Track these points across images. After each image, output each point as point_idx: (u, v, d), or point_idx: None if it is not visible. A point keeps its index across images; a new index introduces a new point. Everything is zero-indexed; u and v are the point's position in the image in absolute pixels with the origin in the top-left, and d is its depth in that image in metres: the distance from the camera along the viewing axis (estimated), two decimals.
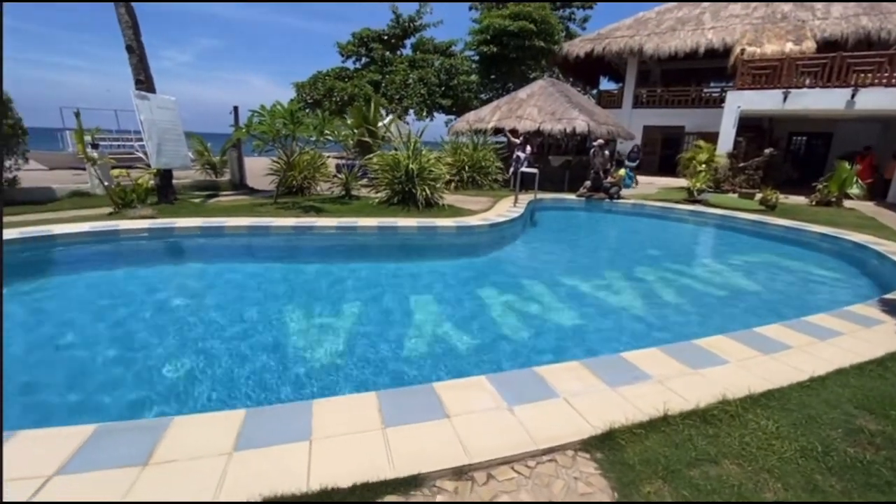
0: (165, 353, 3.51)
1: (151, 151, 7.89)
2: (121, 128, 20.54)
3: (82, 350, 3.57)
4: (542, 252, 7.86)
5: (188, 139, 11.01)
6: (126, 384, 3.07)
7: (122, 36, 7.48)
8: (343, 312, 4.46)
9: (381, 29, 24.37)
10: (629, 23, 21.17)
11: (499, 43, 20.53)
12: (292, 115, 8.07)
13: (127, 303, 4.61)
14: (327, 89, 21.31)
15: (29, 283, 5.04)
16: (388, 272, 6.13)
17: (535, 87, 15.11)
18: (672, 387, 2.66)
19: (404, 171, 8.85)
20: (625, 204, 11.23)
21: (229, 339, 3.79)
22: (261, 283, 5.41)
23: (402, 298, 5.00)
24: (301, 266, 6.22)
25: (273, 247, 7.03)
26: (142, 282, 5.42)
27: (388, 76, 22.81)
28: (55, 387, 3.04)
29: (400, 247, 7.39)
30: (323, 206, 8.89)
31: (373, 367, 3.43)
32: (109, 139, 20.03)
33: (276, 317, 4.30)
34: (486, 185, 12.89)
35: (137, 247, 6.51)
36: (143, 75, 7.76)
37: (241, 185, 12.18)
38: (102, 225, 6.56)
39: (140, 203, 7.86)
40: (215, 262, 6.27)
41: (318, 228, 7.26)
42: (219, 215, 7.63)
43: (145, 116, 7.68)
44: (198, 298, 4.92)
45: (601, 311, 4.82)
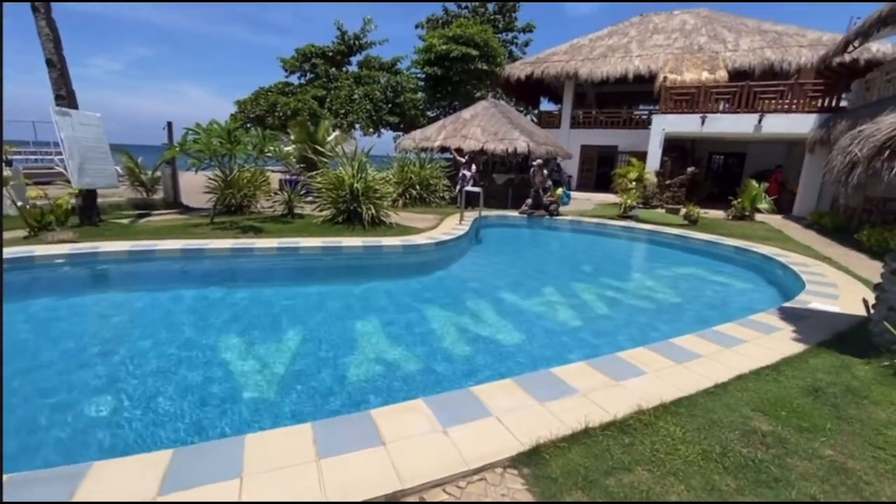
0: (86, 390, 3.28)
1: (73, 170, 7.34)
2: (38, 139, 18.92)
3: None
4: (486, 269, 8.10)
5: (116, 154, 10.35)
6: (39, 425, 2.85)
7: (42, 49, 6.96)
8: (283, 339, 4.37)
9: (326, 45, 24.26)
10: (565, 48, 22.51)
11: (442, 65, 21.07)
12: (229, 134, 7.84)
13: (43, 337, 4.26)
14: (270, 104, 20.83)
15: None
16: (333, 294, 6.07)
17: (479, 108, 15.64)
18: (595, 399, 2.87)
19: (349, 190, 8.83)
20: (563, 220, 11.82)
21: (156, 372, 3.61)
22: (194, 311, 5.17)
23: (345, 321, 4.98)
24: (239, 291, 6.01)
25: (209, 271, 6.73)
26: (61, 313, 5.02)
27: (332, 91, 22.67)
28: None
29: (345, 267, 7.34)
30: (263, 226, 8.65)
31: (313, 395, 3.40)
32: (26, 152, 18.38)
33: (209, 347, 4.14)
34: (433, 202, 13.09)
35: (56, 274, 6.02)
36: (65, 90, 7.24)
37: (175, 202, 11.58)
38: (15, 251, 6.00)
39: (59, 225, 7.28)
40: (145, 290, 5.93)
41: (258, 250, 7.05)
42: (149, 238, 7.22)
43: (66, 134, 7.15)
44: (123, 330, 4.63)
45: (539, 326, 5.06)
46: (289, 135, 14.36)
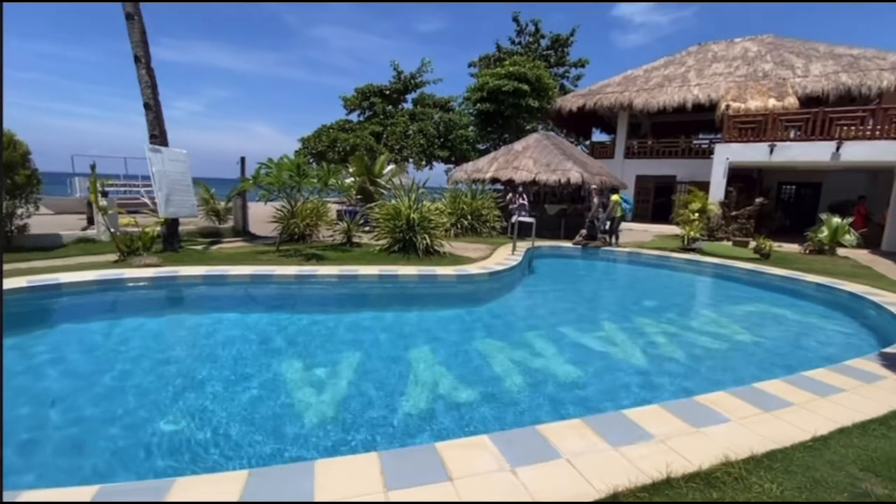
0: (165, 405, 3.49)
1: (161, 201, 8.12)
2: (128, 173, 21.15)
3: (82, 400, 3.54)
4: (541, 301, 7.92)
5: (195, 186, 11.35)
6: (123, 438, 3.04)
7: (141, 94, 7.93)
8: (342, 364, 4.45)
9: (384, 84, 25.66)
10: (618, 80, 22.37)
11: (494, 100, 21.59)
12: (298, 167, 8.39)
13: (127, 353, 4.61)
14: (331, 140, 22.15)
15: (32, 332, 5.06)
16: (389, 321, 6.16)
17: (531, 140, 15.74)
18: (674, 447, 2.66)
19: (405, 220, 9.07)
20: (621, 252, 11.41)
21: (228, 391, 3.77)
22: (261, 333, 5.42)
23: (402, 349, 5.01)
24: (302, 315, 6.25)
25: (275, 296, 7.08)
26: (144, 331, 5.44)
27: (389, 127, 23.76)
28: (50, 441, 3.01)
29: (400, 295, 7.45)
30: (325, 254, 9.03)
31: (372, 422, 3.41)
32: (117, 185, 20.56)
33: (274, 369, 4.29)
34: (484, 232, 13.15)
35: (142, 296, 6.57)
36: (158, 130, 8.14)
37: (243, 231, 12.39)
38: (107, 273, 6.64)
39: (145, 251, 7.99)
40: (217, 312, 6.30)
41: (320, 277, 7.35)
42: (222, 263, 7.74)
43: (157, 168, 7.98)
44: (197, 349, 4.92)
45: (602, 364, 4.82)
46: (348, 168, 15.13)
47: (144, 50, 7.88)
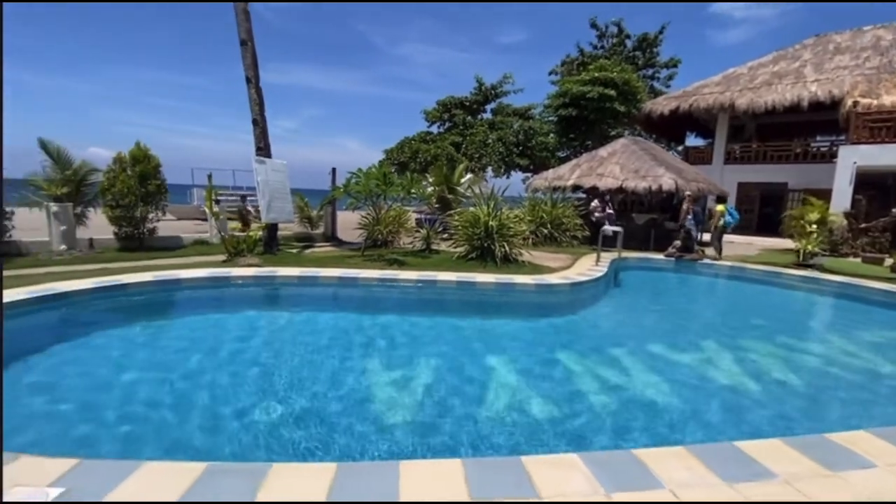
0: (263, 392, 3.76)
1: (263, 208, 8.94)
2: (235, 184, 23.68)
3: (201, 386, 3.94)
4: (629, 316, 7.40)
5: (291, 195, 12.36)
6: (226, 420, 3.32)
7: (250, 111, 8.83)
8: (420, 367, 4.49)
9: (464, 96, 26.11)
10: (718, 79, 20.56)
11: (577, 105, 20.92)
12: (385, 176, 8.76)
13: (228, 341, 5.07)
14: (413, 152, 22.94)
15: (155, 320, 5.79)
16: (465, 328, 6.12)
17: (617, 146, 14.98)
18: (805, 490, 2.28)
19: (483, 228, 9.04)
20: (721, 266, 10.34)
21: (312, 383, 3.97)
22: (345, 332, 5.68)
23: (478, 356, 4.95)
24: (383, 317, 6.45)
25: (359, 297, 7.41)
26: (245, 323, 5.97)
27: (468, 137, 24.06)
28: (166, 419, 3.37)
29: (478, 302, 7.40)
30: (405, 259, 9.28)
31: (445, 428, 3.36)
32: (226, 194, 23.12)
33: (357, 368, 4.45)
34: (564, 241, 12.69)
35: (245, 292, 7.23)
36: (263, 143, 9.00)
37: (332, 236, 13.21)
38: (217, 271, 7.40)
39: (249, 252, 8.81)
40: (308, 310, 6.72)
41: (401, 281, 7.55)
42: (313, 266, 8.27)
43: (262, 178, 8.81)
44: (288, 342, 5.27)
45: (702, 388, 4.35)
46: (428, 178, 15.53)
47: (254, 72, 8.78)
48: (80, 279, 6.36)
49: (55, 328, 5.38)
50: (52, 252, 9.08)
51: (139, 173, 9.97)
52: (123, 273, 6.91)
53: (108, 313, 5.96)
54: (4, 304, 5.03)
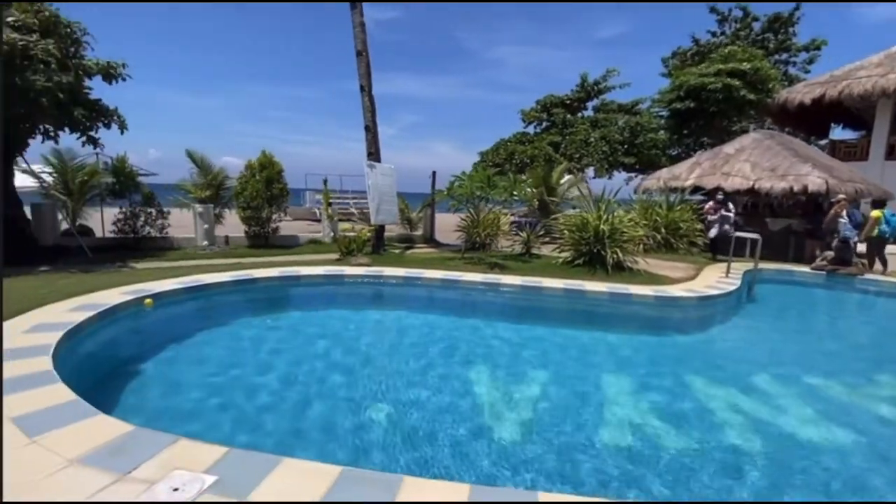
0: (375, 388, 3.79)
1: (372, 210, 9.34)
2: (342, 188, 25.39)
3: (318, 374, 4.11)
4: (775, 339, 6.34)
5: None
6: (341, 408, 3.37)
7: (363, 118, 9.29)
8: (524, 382, 4.22)
9: (565, 94, 25.11)
10: (877, 59, 17.14)
11: (695, 98, 18.86)
12: (488, 179, 8.62)
13: (342, 336, 5.28)
14: (509, 153, 22.58)
15: (279, 312, 6.28)
16: (575, 339, 5.70)
17: (747, 140, 13.19)
18: None
19: (593, 232, 8.45)
20: (888, 283, 8.49)
21: (415, 382, 3.92)
22: (445, 333, 5.64)
23: (588, 372, 4.54)
24: (485, 322, 6.28)
25: (461, 299, 7.34)
26: (356, 319, 6.23)
27: (568, 137, 23.07)
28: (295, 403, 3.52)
29: (588, 313, 6.89)
30: (506, 263, 9.04)
31: (545, 454, 3.03)
32: (334, 198, 24.92)
33: (460, 375, 4.33)
34: (681, 248, 11.44)
35: (356, 290, 7.60)
36: (374, 148, 9.42)
37: (431, 238, 13.46)
38: (332, 269, 7.86)
39: (358, 252, 9.26)
40: (413, 308, 6.83)
41: (504, 285, 7.32)
42: (417, 267, 8.41)
43: (372, 181, 9.21)
44: (393, 338, 5.33)
45: (882, 432, 3.48)
46: (524, 180, 15.12)
47: (368, 81, 9.23)
48: (219, 272, 7.15)
49: (201, 314, 6.08)
50: (197, 247, 10.44)
51: (265, 178, 11.06)
52: (253, 268, 7.62)
53: (242, 303, 6.61)
54: (163, 292, 5.80)
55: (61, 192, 9.38)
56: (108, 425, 2.61)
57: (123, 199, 10.44)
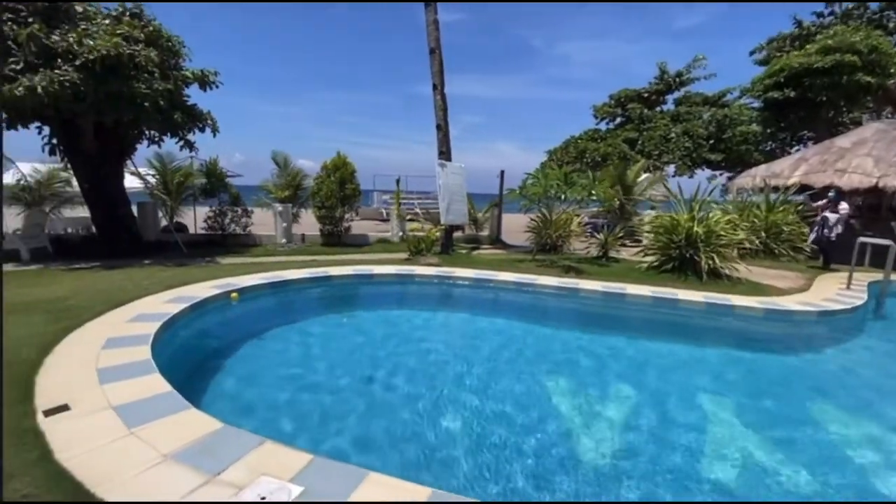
0: (449, 392, 3.57)
1: (442, 210, 9.21)
2: (407, 188, 25.75)
3: (392, 372, 3.98)
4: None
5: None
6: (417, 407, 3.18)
7: (435, 116, 9.20)
8: (612, 400, 3.80)
9: (642, 87, 23.60)
10: None
11: (798, 84, 16.78)
12: (566, 177, 8.13)
13: (416, 336, 5.14)
14: (579, 151, 21.60)
15: (356, 309, 6.30)
16: (668, 354, 5.12)
17: (868, 132, 11.44)
18: None
19: (685, 235, 7.67)
20: None
21: (494, 391, 3.62)
22: (524, 342, 5.30)
23: (686, 391, 4.00)
24: (564, 330, 5.86)
25: (534, 304, 6.95)
26: (428, 320, 6.08)
27: (645, 133, 21.61)
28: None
29: (680, 325, 6.21)
30: (581, 267, 8.49)
31: (629, 478, 2.61)
32: (391, 199, 25.36)
33: (543, 387, 4.01)
34: (784, 255, 10.14)
35: (426, 290, 7.49)
36: (445, 147, 9.29)
37: (497, 239, 13.11)
38: (402, 269, 7.81)
39: (427, 252, 9.18)
40: (485, 312, 6.57)
41: (583, 291, 6.83)
42: (487, 268, 8.13)
43: (442, 181, 9.09)
44: (466, 342, 5.09)
45: None
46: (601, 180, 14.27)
47: (440, 79, 9.11)
48: (297, 269, 7.36)
49: (281, 309, 6.26)
50: (277, 244, 10.95)
51: (339, 178, 11.36)
52: (328, 266, 7.78)
53: (319, 300, 6.75)
54: (247, 287, 6.03)
55: (162, 192, 10.25)
56: (199, 421, 2.62)
57: (213, 198, 11.22)
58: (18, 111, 6.88)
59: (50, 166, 10.63)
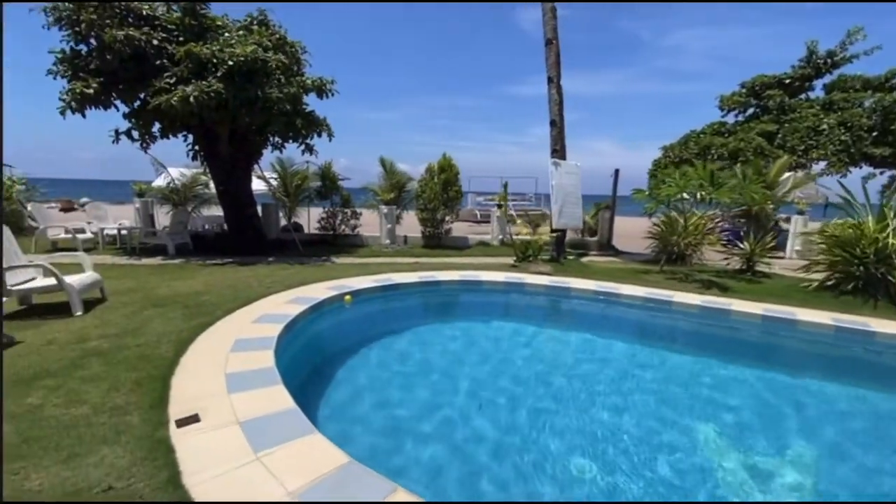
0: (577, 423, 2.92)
1: (555, 212, 8.48)
2: (499, 190, 25.07)
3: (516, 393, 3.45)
4: None
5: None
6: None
7: (549, 112, 8.49)
8: (782, 456, 2.80)
9: (783, 73, 20.25)
10: None
11: None
12: (712, 176, 6.89)
13: (535, 355, 4.53)
14: (702, 147, 19.13)
15: (467, 318, 5.89)
16: (872, 410, 3.88)
17: None
18: None
19: (872, 247, 6.05)
20: None
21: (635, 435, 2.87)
22: (670, 375, 4.40)
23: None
24: (722, 362, 4.82)
25: (676, 328, 5.93)
26: (550, 337, 5.43)
27: (787, 124, 18.47)
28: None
29: (882, 367, 4.81)
30: (723, 282, 7.19)
31: None
32: (490, 200, 24.83)
33: (694, 435, 3.12)
34: None
35: (541, 301, 6.85)
36: (559, 145, 8.54)
37: (608, 245, 11.93)
38: (512, 276, 7.24)
39: (534, 258, 8.51)
40: (614, 335, 5.70)
41: (737, 314, 5.65)
42: (605, 279, 7.23)
43: (556, 181, 8.36)
44: (592, 370, 4.35)
45: None
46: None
47: (557, 71, 8.39)
48: (404, 272, 7.19)
49: (393, 315, 6.09)
50: (381, 245, 11.09)
51: (443, 181, 11.18)
52: (433, 269, 7.50)
53: (428, 306, 6.50)
54: (360, 290, 5.93)
55: (282, 194, 10.94)
56: (324, 451, 2.32)
57: (326, 200, 11.73)
58: (171, 120, 7.65)
59: (193, 171, 11.95)
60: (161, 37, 7.45)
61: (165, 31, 7.62)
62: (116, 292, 5.52)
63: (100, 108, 7.51)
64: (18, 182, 10.40)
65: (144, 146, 8.26)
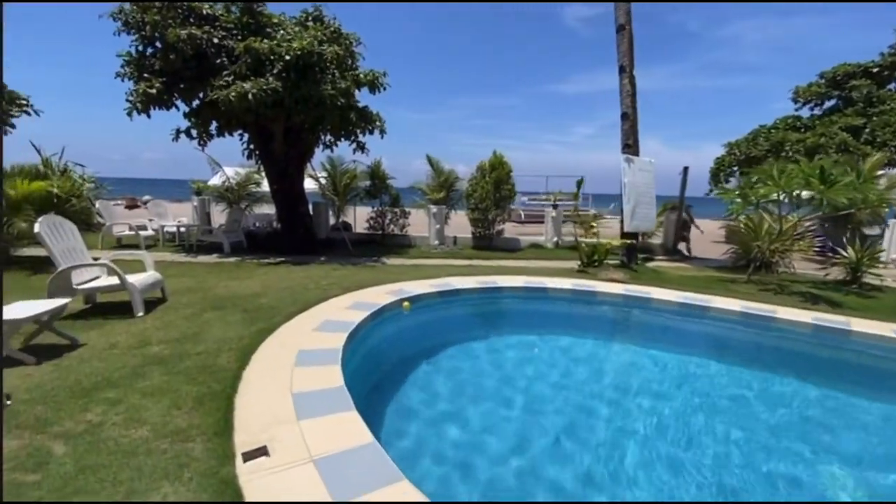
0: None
1: (627, 214, 7.77)
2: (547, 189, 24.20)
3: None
4: None
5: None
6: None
7: (620, 104, 7.79)
8: None
9: (870, 61, 18.27)
10: None
11: None
12: (822, 172, 5.98)
13: (612, 375, 3.94)
14: (773, 144, 17.55)
15: (536, 330, 5.36)
16: None
17: None
18: None
19: None
20: None
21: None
22: (789, 406, 3.70)
23: None
24: (847, 394, 4.05)
25: (783, 349, 5.12)
26: (636, 357, 4.82)
27: (877, 117, 16.61)
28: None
29: None
30: (828, 296, 6.27)
31: None
32: (538, 200, 23.96)
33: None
34: None
35: (617, 313, 6.25)
36: (632, 139, 7.82)
37: (673, 249, 11.01)
38: (580, 283, 6.62)
39: (600, 262, 7.84)
40: (715, 355, 4.94)
41: (855, 334, 4.81)
42: (688, 288, 6.48)
43: (628, 179, 7.65)
44: (698, 403, 3.70)
45: None
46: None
47: (630, 59, 7.68)
48: (460, 276, 6.75)
49: (455, 324, 5.66)
50: (430, 246, 10.72)
51: (494, 179, 10.66)
52: (492, 274, 7.01)
53: (493, 314, 6.03)
54: (419, 295, 5.54)
55: (332, 192, 10.79)
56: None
57: (375, 199, 11.50)
58: (228, 118, 7.59)
59: (247, 170, 12.05)
60: (221, 35, 7.40)
61: (225, 30, 7.58)
62: (176, 291, 5.40)
63: (162, 108, 7.56)
64: (88, 180, 10.83)
65: (202, 144, 8.29)
